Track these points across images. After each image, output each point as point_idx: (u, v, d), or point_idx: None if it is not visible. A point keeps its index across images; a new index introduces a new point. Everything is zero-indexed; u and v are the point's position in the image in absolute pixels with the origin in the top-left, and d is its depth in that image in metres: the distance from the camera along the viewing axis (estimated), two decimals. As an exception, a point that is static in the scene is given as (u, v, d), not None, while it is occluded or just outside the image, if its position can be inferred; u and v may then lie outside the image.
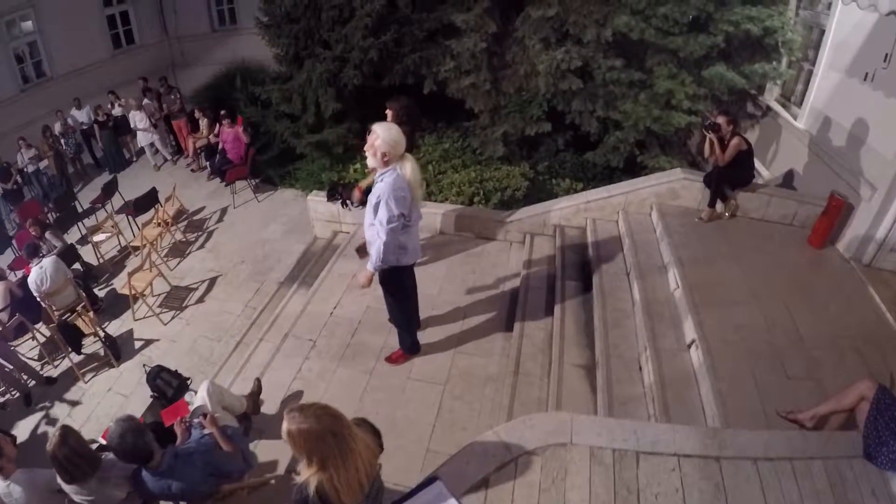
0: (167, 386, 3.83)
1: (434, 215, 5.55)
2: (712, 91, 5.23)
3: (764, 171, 5.36)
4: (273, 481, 3.36)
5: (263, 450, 3.71)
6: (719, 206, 4.45)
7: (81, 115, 9.65)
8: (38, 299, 5.59)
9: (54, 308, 5.68)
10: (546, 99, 6.18)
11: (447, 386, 3.82)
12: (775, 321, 3.42)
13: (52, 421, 5.16)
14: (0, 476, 2.86)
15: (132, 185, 9.21)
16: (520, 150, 7.30)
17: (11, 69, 9.60)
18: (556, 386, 3.36)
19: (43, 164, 8.53)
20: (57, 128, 9.25)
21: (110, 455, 2.87)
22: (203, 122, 9.06)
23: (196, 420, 3.14)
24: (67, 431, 2.79)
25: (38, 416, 5.27)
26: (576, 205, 4.91)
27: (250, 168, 8.14)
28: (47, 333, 5.60)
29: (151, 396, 4.12)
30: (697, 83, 5.15)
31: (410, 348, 4.03)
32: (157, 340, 5.79)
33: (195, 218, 8.10)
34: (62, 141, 9.22)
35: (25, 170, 8.41)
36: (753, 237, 4.32)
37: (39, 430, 5.11)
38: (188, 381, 4.04)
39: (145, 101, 9.38)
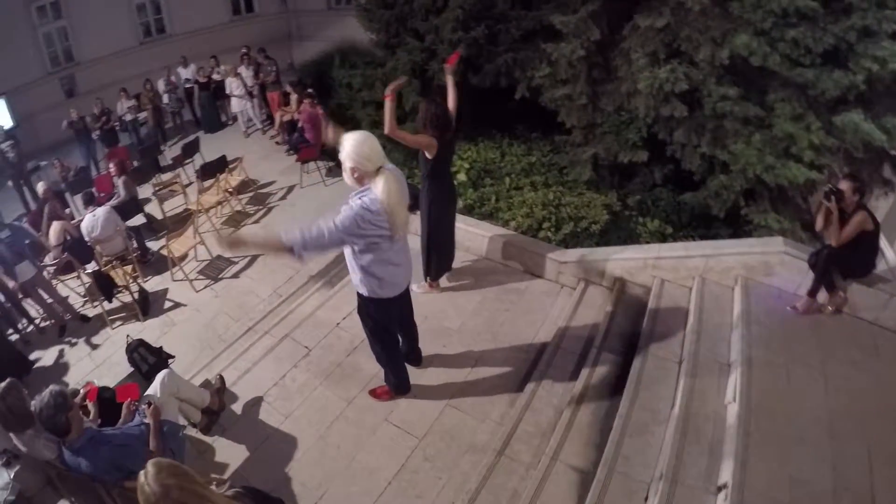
0: (143, 361, 3.91)
1: (482, 238, 5.12)
2: (843, 144, 4.26)
3: (890, 255, 4.27)
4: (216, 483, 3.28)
5: (220, 448, 3.70)
6: (822, 296, 3.53)
7: (186, 74, 10.48)
8: (89, 244, 5.98)
9: (102, 254, 6.06)
10: (647, 124, 5.49)
11: (423, 442, 3.43)
12: (849, 483, 2.57)
13: (74, 355, 5.67)
14: None
15: (220, 147, 9.84)
16: (610, 178, 6.66)
17: (132, 23, 10.61)
18: (537, 484, 2.83)
19: (142, 115, 9.28)
20: (161, 84, 10.07)
21: None
22: (293, 98, 9.35)
23: (143, 406, 3.22)
24: (10, 388, 3.07)
25: (66, 347, 5.83)
26: (644, 258, 4.22)
27: (322, 150, 8.19)
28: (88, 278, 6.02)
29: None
30: (826, 131, 4.22)
31: (396, 387, 3.71)
32: (185, 306, 6.00)
33: (262, 191, 8.39)
34: (164, 96, 10.01)
35: (124, 118, 9.21)
36: (856, 346, 3.39)
37: (62, 360, 5.67)
38: (169, 360, 4.01)
39: (241, 68, 9.87)
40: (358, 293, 3.10)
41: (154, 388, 3.43)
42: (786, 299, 3.72)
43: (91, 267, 6.28)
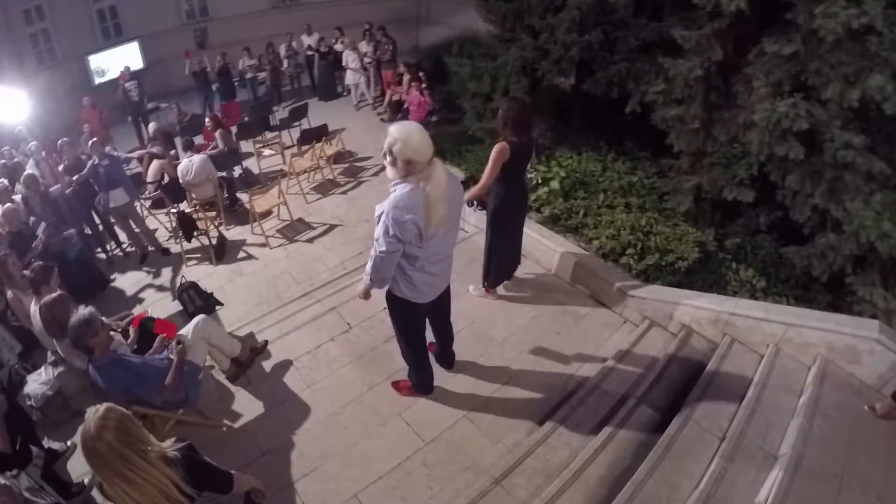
0: (190, 302, 4.15)
1: (553, 252, 4.93)
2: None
3: None
4: (225, 429, 3.61)
5: (239, 400, 3.89)
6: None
7: (309, 41, 11.07)
8: (182, 186, 6.48)
9: (193, 197, 6.54)
10: (759, 161, 4.93)
11: (427, 447, 3.35)
12: None
13: (146, 282, 6.25)
14: None
15: (329, 116, 10.33)
16: (711, 214, 6.08)
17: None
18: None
19: (261, 75, 9.92)
20: (282, 48, 10.69)
21: None
22: (405, 78, 9.52)
23: (173, 343, 3.43)
24: (59, 300, 3.55)
25: (143, 275, 6.46)
26: (718, 310, 3.76)
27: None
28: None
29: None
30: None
31: (418, 386, 3.65)
32: (256, 259, 6.35)
33: (357, 164, 8.67)
34: (284, 61, 10.62)
35: (244, 75, 9.91)
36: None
37: (134, 285, 6.27)
38: (216, 307, 4.21)
39: (361, 43, 10.20)
40: (390, 296, 3.03)
41: (187, 329, 3.63)
42: (865, 396, 3.13)
43: (183, 207, 6.81)
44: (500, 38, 7.72)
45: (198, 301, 4.17)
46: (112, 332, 3.62)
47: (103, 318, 3.32)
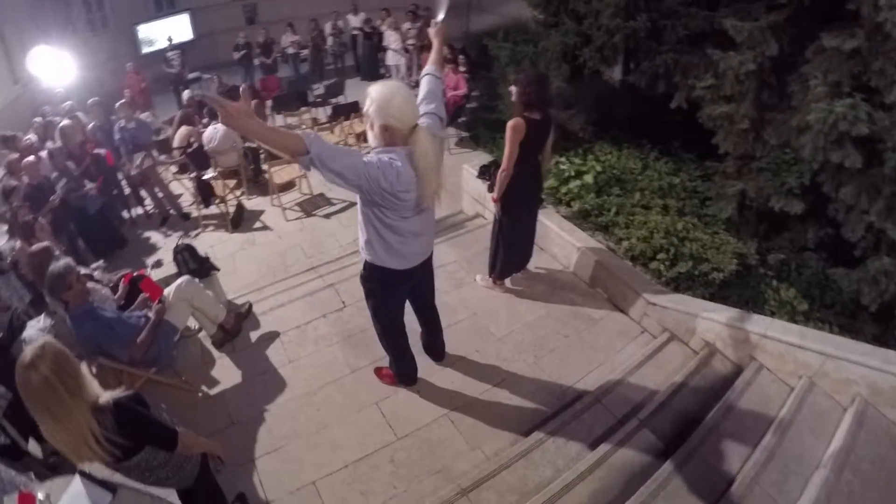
0: (184, 264, 4.01)
1: (572, 247, 4.54)
2: None
3: None
4: (200, 394, 3.53)
5: (221, 367, 3.77)
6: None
7: (354, 21, 10.87)
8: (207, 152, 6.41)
9: (217, 165, 6.44)
10: (812, 169, 4.37)
11: (399, 442, 3.07)
12: None
13: (163, 244, 6.26)
14: None
15: (363, 95, 10.02)
16: (755, 224, 5.52)
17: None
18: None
19: (304, 52, 9.82)
20: (328, 27, 10.55)
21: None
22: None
23: (155, 303, 3.40)
24: (44, 250, 3.69)
25: (161, 236, 6.47)
26: (747, 330, 3.27)
27: (452, 117, 7.96)
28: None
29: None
30: None
31: (399, 377, 3.37)
32: (271, 230, 6.24)
33: (387, 143, 8.34)
34: (329, 39, 10.49)
35: (286, 51, 9.83)
36: None
37: (150, 245, 6.32)
38: (210, 271, 4.09)
39: (406, 24, 9.94)
40: (365, 264, 2.70)
41: (169, 289, 3.54)
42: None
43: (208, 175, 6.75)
44: (543, 23, 7.27)
45: (192, 264, 4.04)
46: (94, 285, 3.56)
47: (80, 271, 3.27)
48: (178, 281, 3.60)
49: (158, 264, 5.56)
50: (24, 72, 8.67)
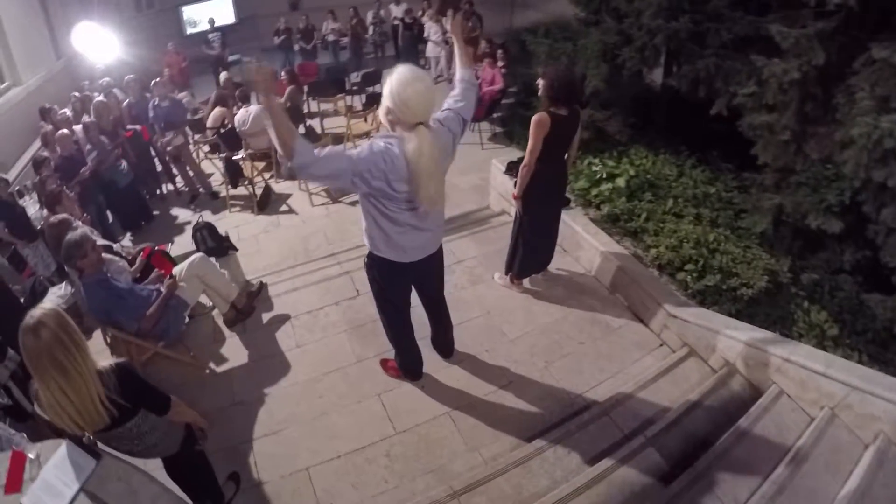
0: (202, 242, 4.06)
1: (595, 251, 4.38)
2: None
3: None
4: (207, 371, 3.56)
5: (230, 346, 3.80)
6: None
7: (396, 11, 10.82)
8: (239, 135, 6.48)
9: (248, 146, 6.51)
10: (853, 187, 4.13)
11: (397, 437, 3.03)
12: None
13: (189, 220, 6.32)
14: None
15: None
16: (790, 241, 5.27)
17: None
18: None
19: (344, 39, 9.83)
20: (369, 15, 10.52)
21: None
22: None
23: (167, 278, 3.45)
24: (63, 221, 3.81)
25: (188, 213, 6.59)
26: (769, 354, 3.07)
27: (487, 112, 7.86)
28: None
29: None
30: None
31: (404, 370, 3.32)
32: (296, 214, 6.28)
33: (418, 136, 8.28)
34: (370, 28, 10.46)
35: (326, 37, 9.85)
36: None
37: (177, 221, 6.45)
38: (229, 250, 4.13)
39: (447, 16, 9.83)
40: (368, 254, 2.65)
41: (181, 266, 3.58)
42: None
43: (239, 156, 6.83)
44: (584, 21, 7.10)
45: (210, 242, 4.07)
46: (111, 257, 3.66)
47: (97, 241, 3.33)
48: (192, 258, 3.64)
49: (171, 242, 5.65)
50: (68, 47, 8.93)
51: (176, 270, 3.59)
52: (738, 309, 4.58)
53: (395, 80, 2.08)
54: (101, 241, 4.14)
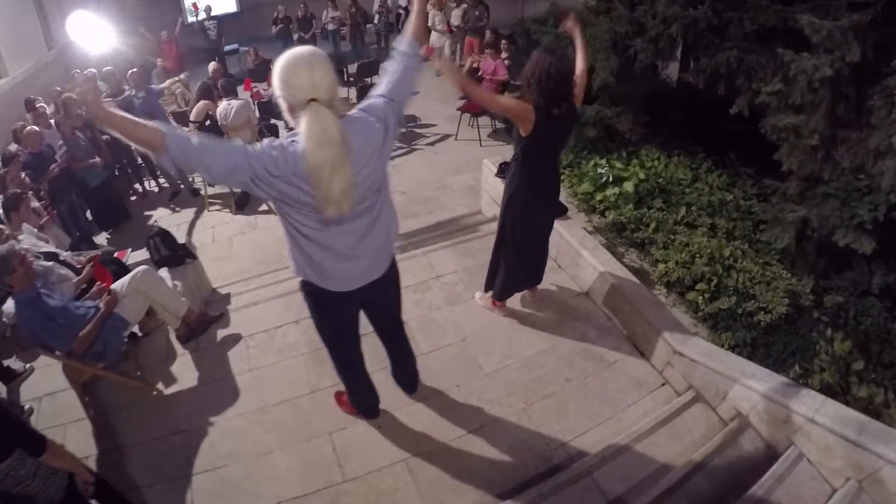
0: (155, 250, 3.73)
1: (592, 270, 3.78)
2: None
3: None
4: (155, 393, 3.28)
5: (181, 365, 3.49)
6: None
7: (402, 0, 10.34)
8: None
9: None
10: (888, 203, 3.60)
11: (345, 486, 2.63)
12: None
13: (168, 220, 6.08)
14: None
15: None
16: (814, 258, 4.76)
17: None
18: None
19: (344, 28, 9.46)
20: (375, 4, 10.10)
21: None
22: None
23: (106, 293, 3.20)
24: None
25: (167, 211, 6.35)
26: (790, 410, 2.57)
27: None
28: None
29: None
30: None
31: (357, 405, 2.89)
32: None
33: (416, 130, 8.00)
34: (375, 16, 10.07)
35: (326, 27, 9.49)
36: None
37: (157, 220, 6.13)
38: (185, 259, 3.79)
39: (450, 5, 9.41)
40: (301, 283, 2.21)
41: (123, 281, 3.29)
42: None
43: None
44: (595, 10, 6.57)
45: (164, 250, 3.74)
46: (55, 266, 3.41)
47: (25, 253, 2.98)
48: (134, 271, 3.32)
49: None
50: (62, 37, 8.67)
51: (117, 285, 3.28)
52: (754, 337, 4.11)
53: (280, 61, 1.69)
54: (45, 249, 3.83)
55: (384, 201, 2.03)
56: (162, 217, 6.13)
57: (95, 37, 7.93)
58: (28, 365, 3.77)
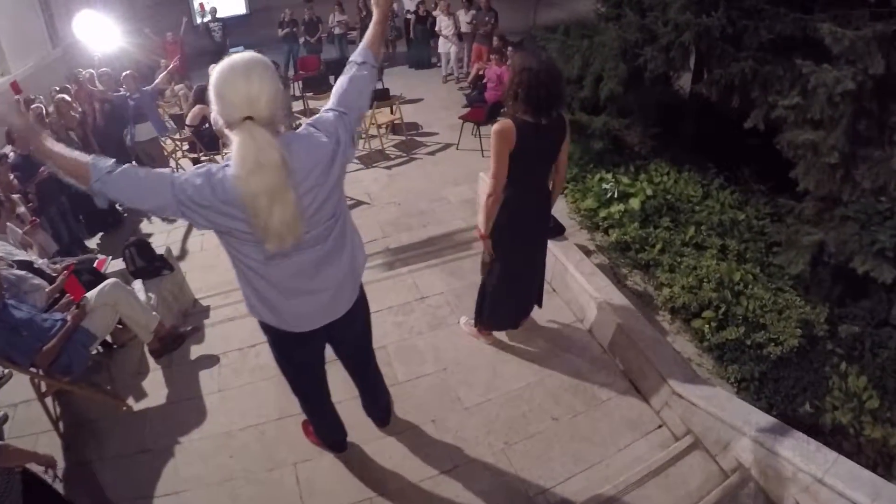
0: (130, 261, 3.64)
1: (588, 298, 3.52)
2: None
3: None
4: (125, 408, 3.15)
5: (152, 381, 3.35)
6: None
7: (409, 4, 10.23)
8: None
9: (225, 146, 6.03)
10: (911, 229, 3.34)
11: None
12: None
13: (158, 223, 5.93)
14: None
15: (410, 83, 9.71)
16: (830, 285, 4.46)
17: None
18: None
19: (352, 33, 9.39)
20: (379, 8, 10.03)
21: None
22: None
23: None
24: None
25: (159, 218, 5.95)
26: (797, 468, 2.29)
27: (490, 114, 7.22)
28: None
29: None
30: None
31: (322, 438, 2.70)
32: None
33: (417, 139, 7.83)
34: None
35: (333, 31, 9.40)
36: None
37: (147, 223, 6.03)
38: (162, 271, 3.64)
39: (460, 11, 9.28)
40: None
41: (92, 293, 3.15)
42: None
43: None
44: (605, 16, 6.34)
45: (139, 261, 3.60)
46: (26, 274, 3.29)
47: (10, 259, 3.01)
48: (104, 284, 3.18)
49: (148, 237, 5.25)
50: (68, 35, 8.65)
51: (88, 296, 3.15)
52: (763, 371, 3.83)
53: (214, 71, 1.50)
54: (19, 257, 3.70)
55: (342, 228, 1.83)
56: (153, 222, 6.00)
57: (101, 36, 7.92)
58: (6, 370, 3.62)
